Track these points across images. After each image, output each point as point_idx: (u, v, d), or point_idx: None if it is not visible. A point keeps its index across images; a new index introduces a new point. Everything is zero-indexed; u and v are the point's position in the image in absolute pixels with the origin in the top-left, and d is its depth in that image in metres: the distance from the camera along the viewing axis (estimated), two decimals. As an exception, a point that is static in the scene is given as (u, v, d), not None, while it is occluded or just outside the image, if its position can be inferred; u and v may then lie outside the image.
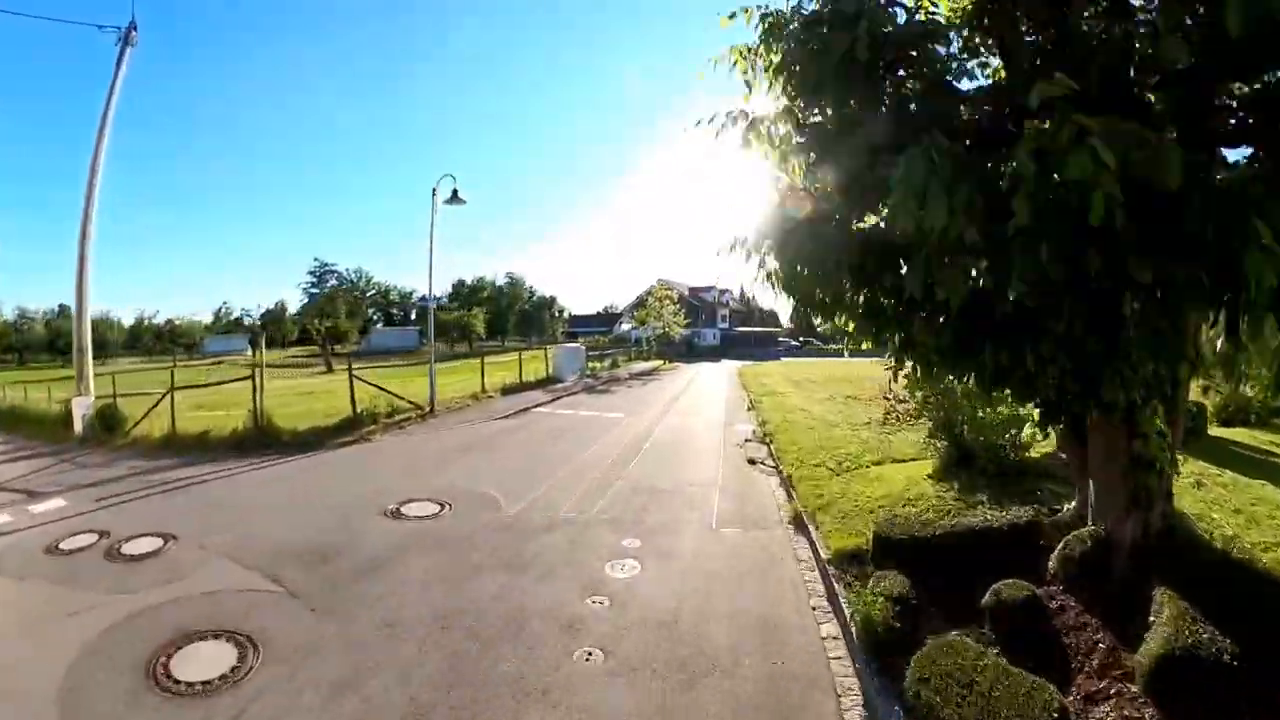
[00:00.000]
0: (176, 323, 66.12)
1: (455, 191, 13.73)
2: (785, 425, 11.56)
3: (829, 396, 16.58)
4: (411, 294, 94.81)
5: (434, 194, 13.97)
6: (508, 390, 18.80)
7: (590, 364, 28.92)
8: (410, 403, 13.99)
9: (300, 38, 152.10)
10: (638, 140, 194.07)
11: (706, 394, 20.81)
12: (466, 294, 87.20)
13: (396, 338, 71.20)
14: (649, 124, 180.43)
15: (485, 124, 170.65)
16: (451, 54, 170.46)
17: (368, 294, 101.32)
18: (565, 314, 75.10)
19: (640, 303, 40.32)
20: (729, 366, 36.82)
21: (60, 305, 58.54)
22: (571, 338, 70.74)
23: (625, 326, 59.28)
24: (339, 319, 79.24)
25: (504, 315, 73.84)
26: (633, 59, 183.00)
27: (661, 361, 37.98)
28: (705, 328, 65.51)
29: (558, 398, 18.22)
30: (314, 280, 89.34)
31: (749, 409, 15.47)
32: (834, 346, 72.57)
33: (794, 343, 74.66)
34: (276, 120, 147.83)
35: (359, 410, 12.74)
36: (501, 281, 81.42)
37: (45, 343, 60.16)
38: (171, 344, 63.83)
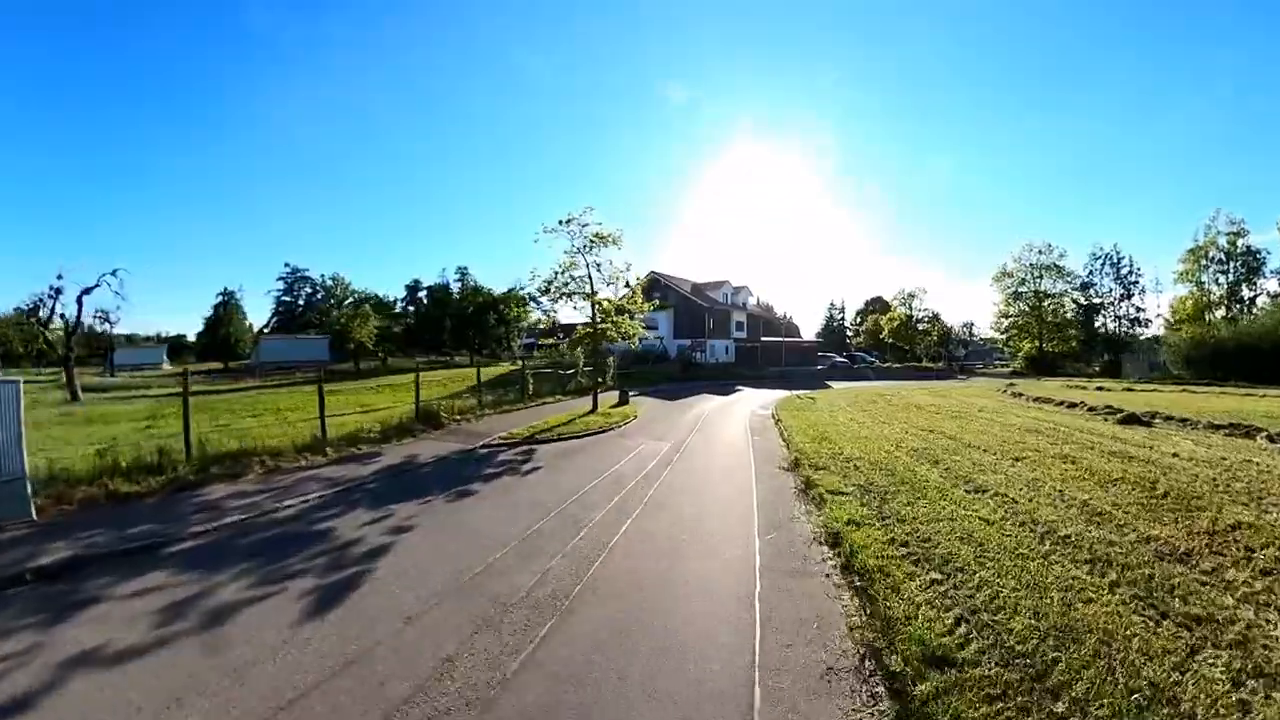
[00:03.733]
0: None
1: None
2: None
3: None
4: (393, 301, 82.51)
5: None
6: None
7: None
8: None
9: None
10: (632, 137, 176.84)
11: None
12: (423, 297, 70.64)
13: (300, 348, 52.93)
14: (628, 119, 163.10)
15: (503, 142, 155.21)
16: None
17: (344, 301, 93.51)
18: (521, 319, 55.95)
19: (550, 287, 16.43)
20: (751, 407, 17.90)
21: None
22: (529, 350, 52.25)
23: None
24: (232, 327, 62.59)
25: (440, 322, 55.76)
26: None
27: (612, 404, 17.40)
28: (715, 338, 45.97)
29: None
30: (285, 287, 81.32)
31: None
32: (879, 365, 53.27)
33: (840, 358, 54.71)
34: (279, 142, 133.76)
35: None
36: (451, 280, 63.17)
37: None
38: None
